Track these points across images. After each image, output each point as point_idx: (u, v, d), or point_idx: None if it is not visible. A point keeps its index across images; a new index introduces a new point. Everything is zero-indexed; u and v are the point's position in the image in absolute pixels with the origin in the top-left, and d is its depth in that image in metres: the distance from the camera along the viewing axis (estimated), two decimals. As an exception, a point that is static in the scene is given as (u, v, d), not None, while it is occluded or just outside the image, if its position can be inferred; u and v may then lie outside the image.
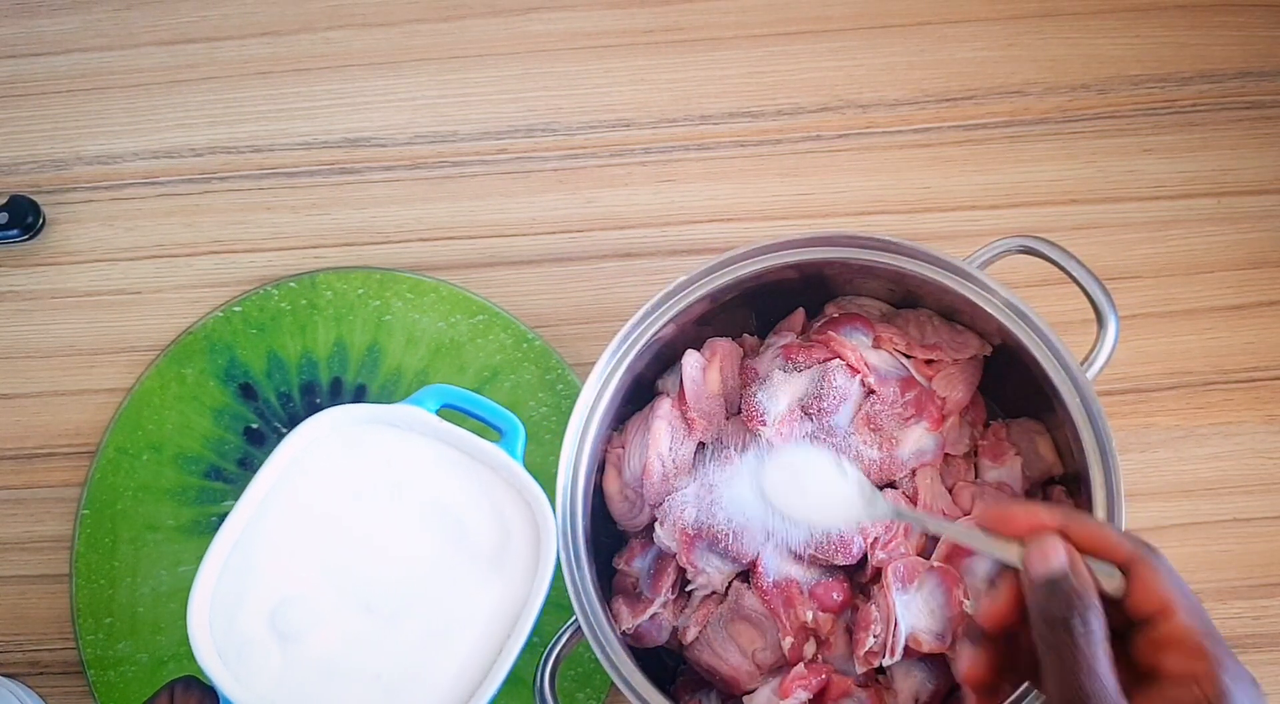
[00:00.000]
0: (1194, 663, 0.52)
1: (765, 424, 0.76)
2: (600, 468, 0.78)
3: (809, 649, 0.74)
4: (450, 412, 0.66)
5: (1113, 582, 0.54)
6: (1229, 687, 0.50)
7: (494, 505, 0.64)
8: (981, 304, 0.75)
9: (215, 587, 0.61)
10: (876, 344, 0.79)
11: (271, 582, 0.61)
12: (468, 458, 0.64)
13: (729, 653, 0.75)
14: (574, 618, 0.71)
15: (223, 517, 0.86)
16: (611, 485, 0.79)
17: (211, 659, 0.60)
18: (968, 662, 0.56)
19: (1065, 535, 0.54)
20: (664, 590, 0.76)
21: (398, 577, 0.62)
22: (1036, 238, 0.77)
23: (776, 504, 0.66)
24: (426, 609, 0.61)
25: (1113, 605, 0.53)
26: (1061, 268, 0.76)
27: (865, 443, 0.77)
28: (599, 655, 0.71)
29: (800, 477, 0.66)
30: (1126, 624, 0.54)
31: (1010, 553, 0.55)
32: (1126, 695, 0.51)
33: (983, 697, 0.57)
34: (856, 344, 0.78)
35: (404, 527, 0.63)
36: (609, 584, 0.79)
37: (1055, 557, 0.53)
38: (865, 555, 0.74)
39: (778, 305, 0.82)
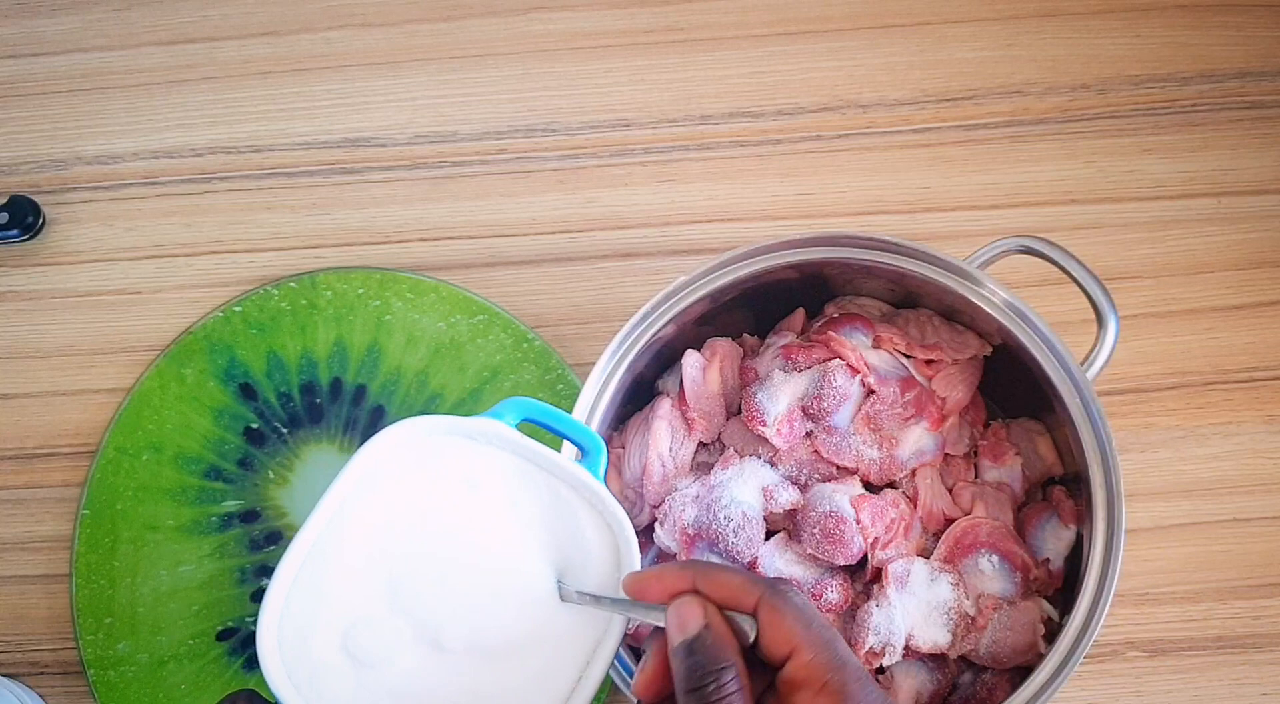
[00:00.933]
0: (820, 699, 0.51)
1: (765, 424, 0.76)
2: (600, 468, 0.79)
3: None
4: (530, 427, 0.62)
5: (751, 632, 0.53)
6: None
7: (571, 525, 0.60)
8: (981, 304, 0.75)
9: (284, 607, 0.57)
10: (876, 344, 0.79)
11: (344, 602, 0.57)
12: (548, 475, 0.61)
13: (729, 653, 0.75)
14: (574, 618, 0.71)
15: (223, 517, 0.87)
16: (611, 485, 0.79)
17: (284, 684, 0.56)
18: None
19: (701, 592, 0.53)
20: (664, 590, 0.76)
21: (473, 601, 0.58)
22: (1036, 238, 0.77)
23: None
24: (502, 635, 0.58)
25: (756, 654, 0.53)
26: (1061, 268, 0.76)
27: (865, 443, 0.77)
28: (599, 655, 0.71)
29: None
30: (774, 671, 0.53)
31: (662, 619, 0.54)
32: None
33: None
34: (856, 344, 0.78)
35: (480, 547, 0.59)
36: (609, 584, 0.79)
37: (691, 619, 0.53)
38: (865, 555, 0.75)
39: (778, 305, 0.82)
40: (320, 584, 0.56)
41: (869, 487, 0.77)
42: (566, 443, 0.68)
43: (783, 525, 0.76)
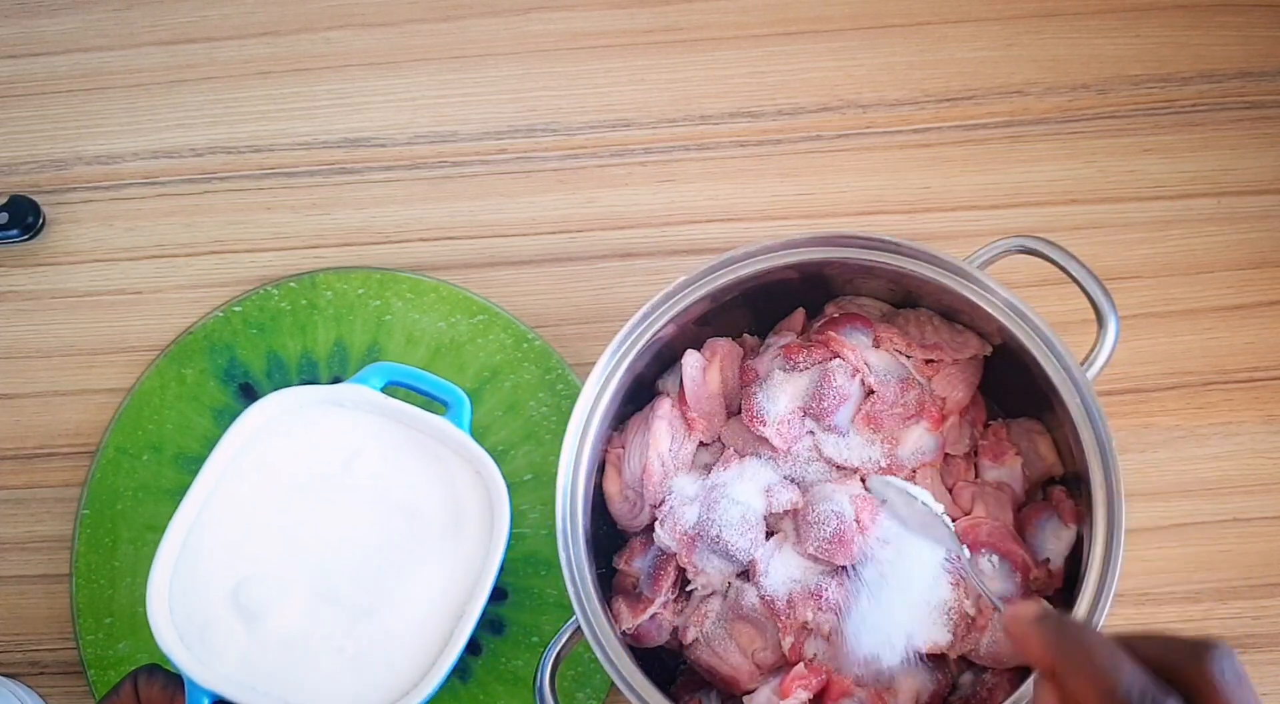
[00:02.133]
0: None
1: (765, 424, 0.76)
2: (600, 468, 0.78)
3: (809, 649, 0.74)
4: (397, 389, 0.67)
5: None
6: None
7: (445, 476, 0.64)
8: (981, 304, 0.75)
9: (173, 570, 0.62)
10: (876, 344, 0.79)
11: (231, 562, 0.62)
12: (416, 432, 0.65)
13: (729, 653, 0.75)
14: (574, 618, 0.71)
15: (223, 516, 0.87)
16: (611, 485, 0.79)
17: (172, 641, 0.61)
18: None
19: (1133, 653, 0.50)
20: (664, 590, 0.76)
21: (355, 552, 0.63)
22: (1036, 238, 0.77)
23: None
24: (386, 582, 0.61)
25: None
26: (1061, 268, 0.76)
27: (865, 443, 0.77)
28: (599, 655, 0.71)
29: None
30: None
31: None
32: None
33: None
34: (856, 344, 0.78)
35: (358, 502, 0.63)
36: (609, 584, 0.79)
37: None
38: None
39: (778, 305, 0.82)
40: (206, 547, 0.60)
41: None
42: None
43: (783, 525, 0.76)
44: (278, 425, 0.64)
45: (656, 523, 0.76)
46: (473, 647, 0.85)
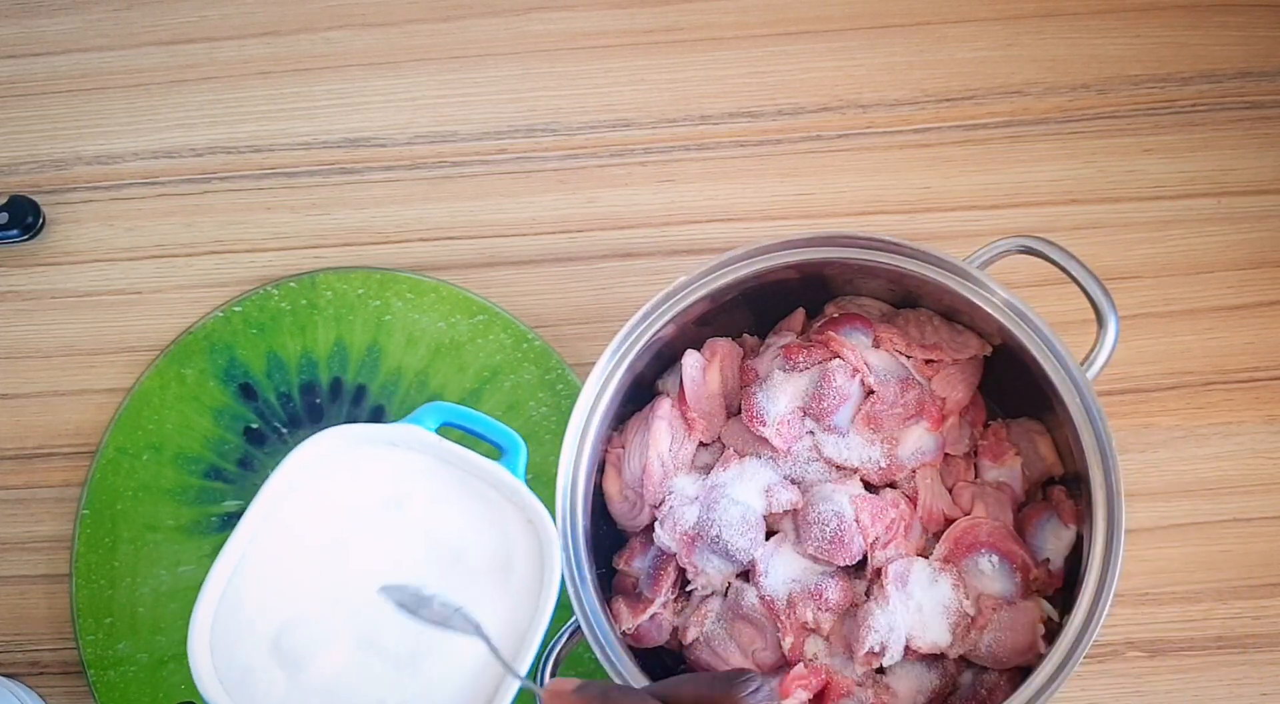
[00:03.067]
0: None
1: (765, 424, 0.76)
2: (600, 468, 0.78)
3: (809, 649, 0.75)
4: (451, 430, 0.65)
5: None
6: None
7: (496, 524, 0.63)
8: (981, 304, 0.75)
9: (215, 613, 0.60)
10: (876, 344, 0.79)
11: (274, 605, 0.60)
12: (469, 476, 0.64)
13: (729, 653, 0.75)
14: (574, 618, 0.71)
15: (223, 517, 0.87)
16: (611, 485, 0.79)
17: (214, 687, 0.59)
18: None
19: None
20: (664, 590, 0.76)
21: None
22: (1036, 238, 0.77)
23: None
24: (431, 632, 0.59)
25: None
26: (1061, 268, 0.76)
27: (865, 443, 0.77)
28: (599, 655, 0.71)
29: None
30: None
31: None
32: None
33: None
34: (856, 344, 0.78)
35: (406, 545, 0.62)
36: (609, 584, 0.79)
37: None
38: (865, 555, 0.75)
39: (778, 305, 0.82)
40: (250, 591, 0.58)
41: (869, 487, 0.77)
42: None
43: (783, 525, 0.76)
44: (328, 463, 0.62)
45: (656, 523, 0.76)
46: (473, 647, 0.84)
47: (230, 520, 0.87)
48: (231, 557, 0.61)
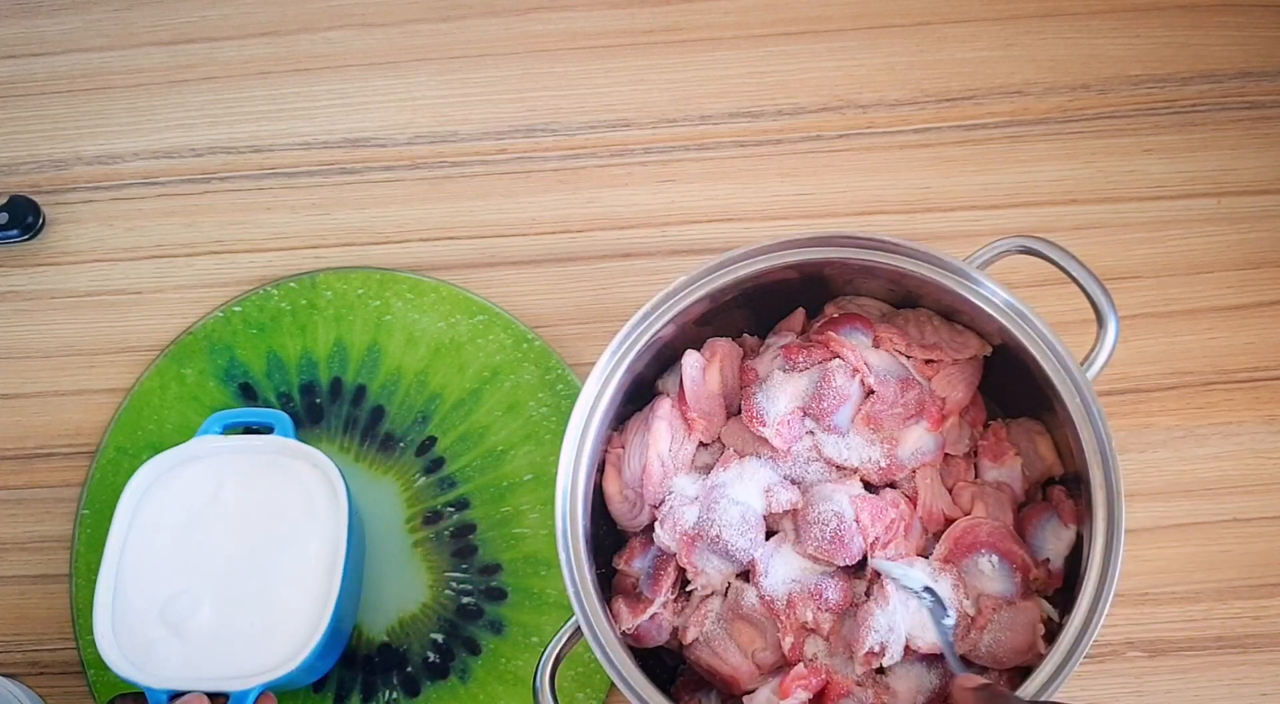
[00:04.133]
0: None
1: (765, 424, 0.76)
2: (600, 468, 0.78)
3: (809, 649, 0.75)
4: (234, 428, 0.85)
5: None
6: None
7: (290, 478, 0.81)
8: (981, 304, 0.75)
9: (111, 610, 0.79)
10: (876, 344, 0.79)
11: (152, 592, 0.79)
12: (256, 453, 0.82)
13: (729, 653, 0.75)
14: (574, 618, 0.71)
15: (222, 516, 0.88)
16: (611, 485, 0.79)
17: (126, 668, 0.77)
18: None
19: None
20: (664, 590, 0.76)
21: (240, 555, 0.80)
22: (1036, 238, 0.77)
23: None
24: (271, 566, 0.79)
25: None
26: (1061, 268, 0.76)
27: (865, 443, 0.77)
28: (599, 655, 0.71)
29: None
30: None
31: None
32: None
33: None
34: (856, 344, 0.78)
35: (233, 520, 0.81)
36: (609, 584, 0.79)
37: None
38: (865, 555, 0.74)
39: (778, 305, 0.82)
40: (132, 586, 0.79)
41: (869, 487, 0.77)
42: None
43: (782, 525, 0.76)
44: (156, 486, 0.82)
45: (656, 523, 0.76)
46: (472, 647, 0.85)
47: (230, 520, 0.89)
48: (111, 563, 0.80)
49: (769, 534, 0.76)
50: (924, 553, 0.76)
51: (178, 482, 0.82)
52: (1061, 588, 0.76)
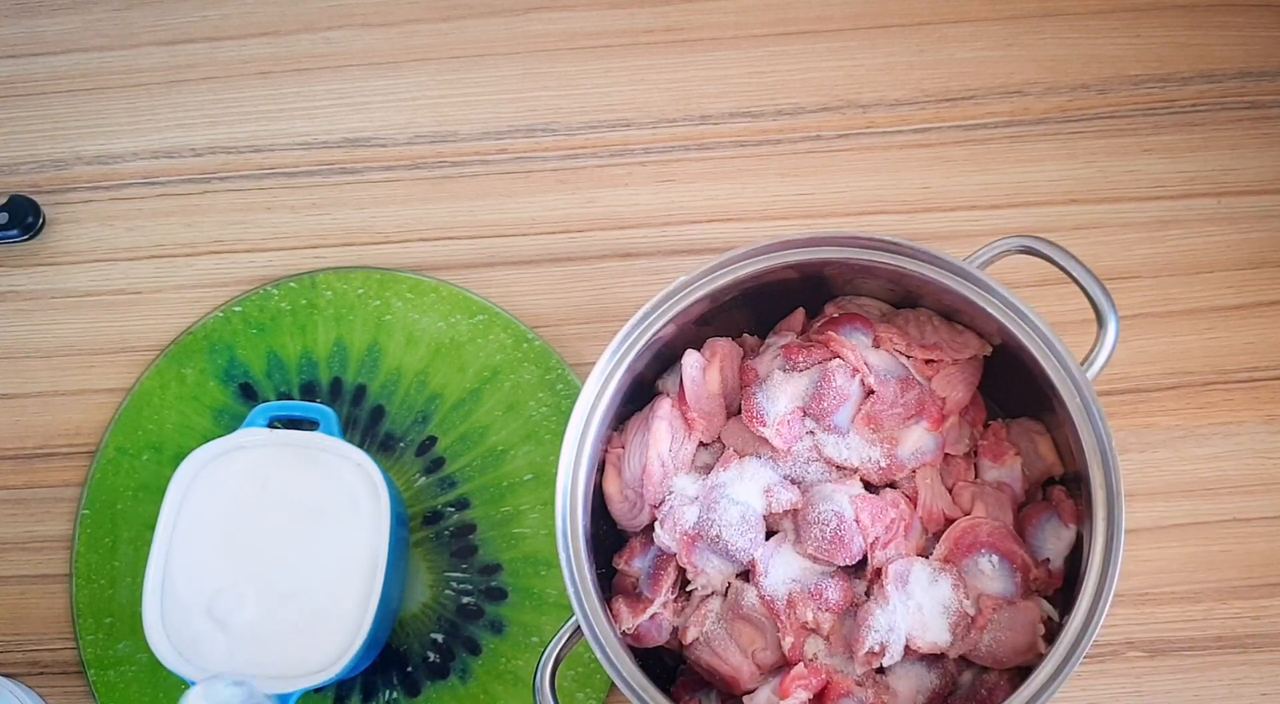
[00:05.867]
0: None
1: (765, 424, 0.76)
2: (600, 468, 0.78)
3: (809, 649, 0.75)
4: (279, 421, 0.85)
5: None
6: None
7: (333, 476, 0.81)
8: (981, 304, 0.75)
9: (160, 602, 0.78)
10: (876, 344, 0.79)
11: (198, 587, 0.79)
12: (302, 448, 0.81)
13: (729, 653, 0.75)
14: (574, 618, 0.71)
15: (222, 516, 0.88)
16: (611, 485, 0.79)
17: (177, 662, 0.77)
18: None
19: None
20: (664, 590, 0.76)
21: (284, 552, 0.80)
22: (1037, 238, 0.77)
23: None
24: (313, 564, 0.79)
25: None
26: (1061, 268, 0.76)
27: (865, 443, 0.77)
28: (599, 655, 0.71)
29: None
30: None
31: None
32: None
33: None
34: (856, 344, 0.78)
35: (278, 515, 0.80)
36: (609, 584, 0.79)
37: None
38: (865, 555, 0.74)
39: (778, 305, 0.82)
40: (179, 580, 0.79)
41: (869, 487, 0.77)
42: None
43: (783, 525, 0.76)
44: (203, 474, 0.81)
45: (656, 523, 0.76)
46: (473, 647, 0.85)
47: (230, 520, 0.89)
48: (159, 556, 0.79)
49: (769, 534, 0.76)
50: (924, 553, 0.76)
51: (223, 471, 0.81)
52: (1061, 588, 0.76)
